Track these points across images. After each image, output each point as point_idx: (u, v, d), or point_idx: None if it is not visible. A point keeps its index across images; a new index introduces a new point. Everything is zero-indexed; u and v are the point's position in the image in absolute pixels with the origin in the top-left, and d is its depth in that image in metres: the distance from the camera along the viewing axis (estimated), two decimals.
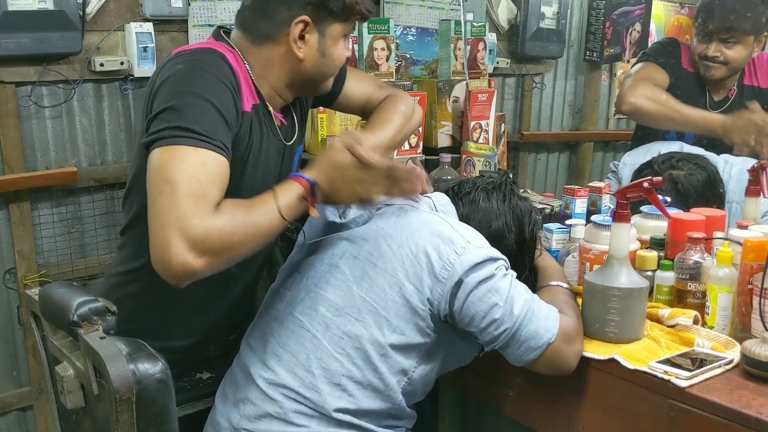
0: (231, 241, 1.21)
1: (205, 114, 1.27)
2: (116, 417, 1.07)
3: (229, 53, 1.42)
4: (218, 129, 1.27)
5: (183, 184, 1.19)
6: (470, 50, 2.56)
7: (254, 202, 1.28)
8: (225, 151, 1.28)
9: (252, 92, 1.44)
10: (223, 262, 1.23)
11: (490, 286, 1.37)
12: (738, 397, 1.28)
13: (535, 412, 1.62)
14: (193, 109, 1.26)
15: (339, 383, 1.37)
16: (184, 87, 1.30)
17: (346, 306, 1.41)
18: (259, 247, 1.31)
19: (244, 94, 1.40)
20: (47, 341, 1.38)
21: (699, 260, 1.57)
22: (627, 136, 3.34)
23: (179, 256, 1.16)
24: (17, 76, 2.15)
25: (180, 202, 1.18)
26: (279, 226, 1.30)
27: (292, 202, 1.31)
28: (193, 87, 1.29)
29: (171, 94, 1.29)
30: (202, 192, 1.20)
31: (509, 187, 1.59)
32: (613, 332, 1.49)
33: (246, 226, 1.25)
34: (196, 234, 1.16)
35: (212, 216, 1.20)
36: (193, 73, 1.32)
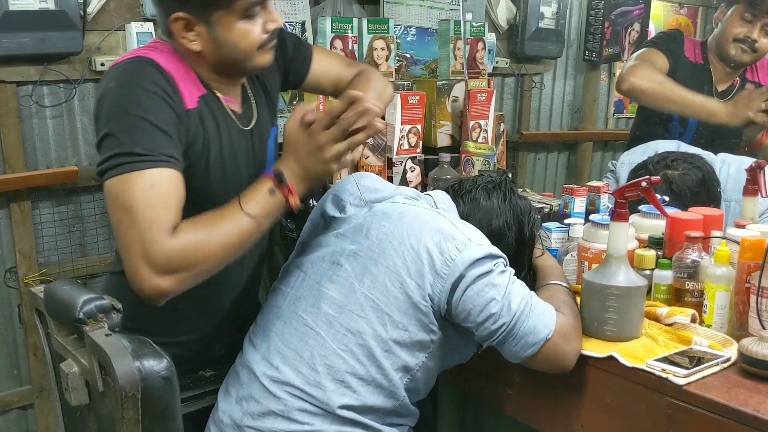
0: (196, 256, 1.27)
1: (142, 132, 1.28)
2: (121, 414, 1.08)
3: (163, 54, 1.40)
4: (158, 143, 1.29)
5: (138, 212, 1.24)
6: (469, 50, 2.57)
7: (220, 213, 1.32)
8: (171, 162, 1.30)
9: (197, 84, 1.43)
10: (195, 276, 1.29)
11: (488, 281, 1.38)
12: (735, 394, 1.30)
13: (534, 411, 1.63)
14: (129, 131, 1.28)
15: (343, 380, 1.38)
16: (117, 108, 1.31)
17: (348, 303, 1.42)
18: (236, 254, 1.35)
19: (184, 91, 1.39)
20: (51, 339, 1.39)
21: (697, 259, 1.59)
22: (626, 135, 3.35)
23: (148, 281, 1.24)
24: (18, 76, 2.16)
25: (139, 230, 1.24)
26: (254, 228, 1.33)
27: (260, 200, 1.33)
28: (126, 107, 1.30)
29: (107, 118, 1.31)
30: (157, 217, 1.24)
31: (509, 187, 1.61)
32: (611, 330, 1.50)
33: (210, 240, 1.29)
34: (158, 258, 1.22)
35: (171, 238, 1.25)
36: (123, 91, 1.33)
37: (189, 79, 1.41)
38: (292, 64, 1.70)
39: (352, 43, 2.29)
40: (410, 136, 2.28)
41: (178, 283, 1.26)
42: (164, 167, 1.28)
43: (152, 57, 1.38)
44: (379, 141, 2.25)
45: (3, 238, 2.23)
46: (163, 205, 1.26)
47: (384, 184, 1.65)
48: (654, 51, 2.61)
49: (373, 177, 1.70)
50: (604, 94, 3.87)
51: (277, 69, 1.65)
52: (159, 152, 1.28)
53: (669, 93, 2.45)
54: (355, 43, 2.30)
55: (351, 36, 2.29)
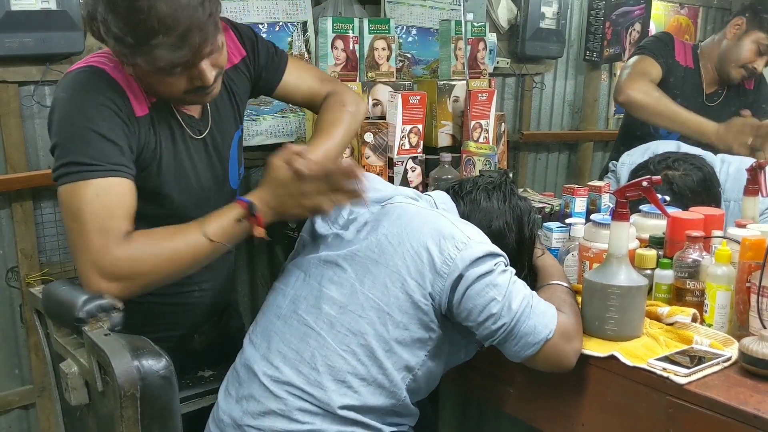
0: (141, 268, 1.32)
1: (89, 143, 1.32)
2: (121, 413, 1.08)
3: (114, 63, 1.40)
4: (106, 152, 1.33)
5: (85, 220, 1.30)
6: (470, 50, 2.56)
7: (178, 230, 1.37)
8: (118, 170, 1.34)
9: (144, 95, 1.43)
10: (140, 286, 1.34)
11: (489, 281, 1.38)
12: (736, 393, 1.30)
13: (536, 410, 1.63)
14: (77, 142, 1.33)
15: (344, 380, 1.38)
16: (66, 119, 1.35)
17: (349, 303, 1.42)
18: (188, 270, 1.40)
19: (134, 100, 1.40)
20: (51, 339, 1.39)
21: (698, 259, 1.59)
22: None
23: (94, 285, 1.30)
24: (20, 76, 2.16)
25: (87, 238, 1.30)
26: (209, 250, 1.37)
27: (225, 226, 1.37)
28: (74, 118, 1.34)
29: (57, 128, 1.36)
30: (104, 226, 1.30)
31: (509, 187, 1.61)
32: (612, 330, 1.50)
33: (159, 254, 1.34)
34: (104, 265, 1.28)
35: (119, 246, 1.31)
36: (72, 102, 1.36)
37: (139, 87, 1.42)
38: (264, 72, 1.71)
39: (353, 43, 2.29)
40: (411, 136, 2.28)
41: (124, 289, 1.31)
42: (111, 176, 1.33)
43: (102, 67, 1.39)
44: (380, 141, 2.25)
45: (5, 238, 2.24)
46: (109, 214, 1.31)
47: (384, 184, 1.66)
48: (648, 60, 2.68)
49: (374, 177, 1.70)
50: (604, 94, 3.87)
51: (247, 76, 1.67)
52: (106, 162, 1.33)
53: (664, 109, 2.54)
54: (356, 43, 2.30)
55: (352, 36, 2.28)
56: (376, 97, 2.35)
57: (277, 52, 1.74)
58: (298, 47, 2.59)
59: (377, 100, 2.35)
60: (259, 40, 1.69)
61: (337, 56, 2.26)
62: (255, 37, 1.68)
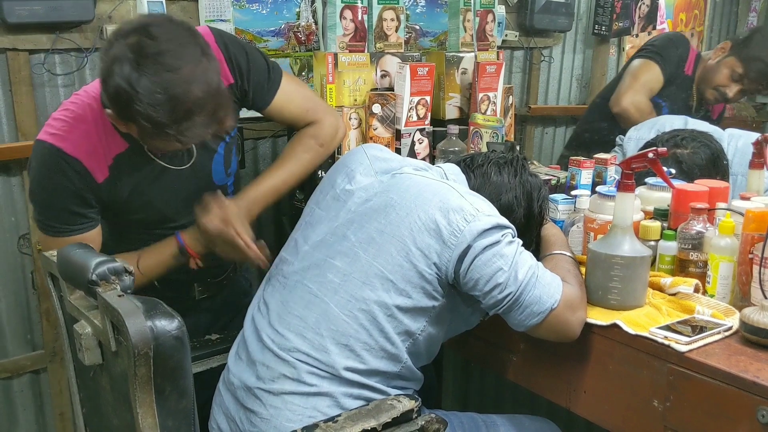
0: None
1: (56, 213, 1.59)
2: (134, 371, 1.11)
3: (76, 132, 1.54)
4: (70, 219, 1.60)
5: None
6: (479, 22, 2.56)
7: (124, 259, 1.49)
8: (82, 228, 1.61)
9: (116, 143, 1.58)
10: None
11: (496, 252, 1.40)
12: (736, 362, 1.32)
13: (538, 377, 1.66)
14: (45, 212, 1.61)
15: (347, 344, 1.41)
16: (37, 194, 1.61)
17: (353, 271, 1.44)
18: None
19: (94, 168, 1.56)
20: (65, 301, 1.42)
21: (701, 230, 1.60)
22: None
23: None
24: (30, 44, 2.16)
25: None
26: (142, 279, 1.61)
27: (161, 260, 1.68)
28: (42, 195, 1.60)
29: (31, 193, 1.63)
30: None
31: (521, 163, 1.62)
32: (615, 299, 1.52)
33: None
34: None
35: None
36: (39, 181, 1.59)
37: (104, 147, 1.57)
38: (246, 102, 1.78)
39: (361, 14, 2.28)
40: (419, 107, 2.29)
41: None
42: (77, 233, 1.60)
43: (60, 146, 1.53)
44: (388, 112, 2.26)
45: (17, 205, 2.26)
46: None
47: (393, 154, 1.67)
48: (654, 70, 2.76)
49: (383, 148, 1.71)
50: (612, 69, 3.84)
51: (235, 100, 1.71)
52: (71, 225, 1.60)
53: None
54: (365, 13, 2.30)
55: (361, 6, 2.28)
56: (384, 68, 2.35)
57: (269, 79, 1.78)
58: (305, 18, 2.59)
59: (385, 72, 2.35)
60: (252, 70, 1.74)
61: (345, 26, 2.26)
62: (248, 65, 1.73)
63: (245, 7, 2.44)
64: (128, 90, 1.35)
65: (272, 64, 1.80)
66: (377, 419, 1.34)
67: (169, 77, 1.35)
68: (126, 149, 1.59)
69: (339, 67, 2.23)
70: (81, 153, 1.55)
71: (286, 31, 2.54)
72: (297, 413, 1.40)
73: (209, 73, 1.42)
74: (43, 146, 1.56)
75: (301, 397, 1.41)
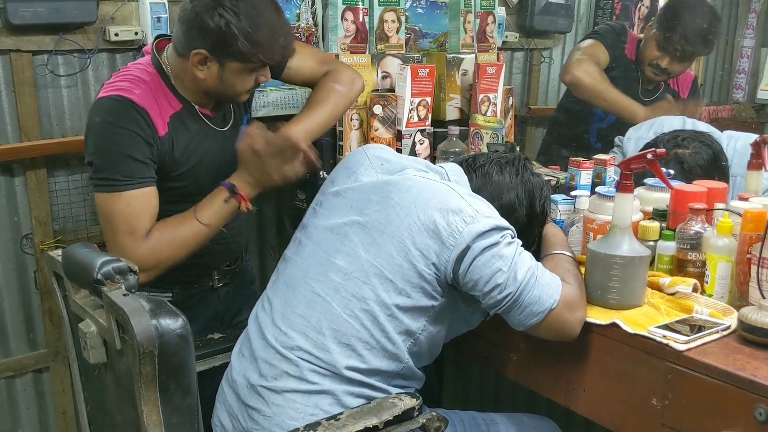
0: (160, 258, 1.65)
1: (121, 163, 1.62)
2: (139, 369, 1.12)
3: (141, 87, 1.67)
4: (134, 170, 1.63)
5: (117, 224, 1.63)
6: (479, 23, 2.57)
7: (180, 219, 1.68)
8: (144, 182, 1.65)
9: (172, 102, 1.72)
10: (163, 270, 1.67)
11: (495, 252, 1.41)
12: (733, 360, 1.33)
13: (538, 376, 1.67)
14: (111, 162, 1.63)
15: (348, 343, 1.42)
16: (102, 144, 1.65)
17: (354, 270, 1.45)
18: (200, 247, 1.71)
19: (157, 121, 1.66)
20: (69, 300, 1.43)
21: (700, 231, 1.62)
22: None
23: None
24: (33, 45, 2.18)
25: (118, 238, 1.63)
26: (207, 232, 1.69)
27: (215, 209, 1.69)
28: (108, 144, 1.64)
29: (94, 149, 1.66)
30: (131, 227, 1.62)
31: (522, 163, 1.63)
32: (614, 299, 1.54)
33: (173, 242, 1.66)
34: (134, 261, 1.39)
35: (142, 244, 1.63)
36: (106, 128, 1.64)
37: (161, 106, 1.69)
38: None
39: (362, 15, 2.30)
40: (420, 108, 2.30)
41: (150, 276, 1.63)
42: (138, 188, 1.64)
43: (130, 96, 1.64)
44: (389, 113, 2.27)
45: (19, 206, 2.27)
46: (137, 217, 1.63)
47: (395, 155, 1.68)
48: (599, 46, 2.85)
49: (384, 148, 1.72)
50: None
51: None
52: (134, 177, 1.63)
53: (603, 92, 2.74)
54: (366, 15, 2.31)
55: (362, 8, 2.29)
56: (385, 69, 2.37)
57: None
58: (305, 20, 2.60)
59: (386, 73, 2.37)
60: None
61: (346, 28, 2.27)
62: None
63: None
64: (230, 20, 1.57)
65: None
66: (379, 417, 1.35)
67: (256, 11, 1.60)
68: (180, 109, 1.72)
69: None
70: (147, 105, 1.65)
71: None
72: (299, 411, 1.41)
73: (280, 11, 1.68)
74: (111, 99, 1.65)
75: (303, 395, 1.42)
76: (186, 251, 1.69)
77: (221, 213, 1.70)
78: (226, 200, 1.69)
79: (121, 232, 1.62)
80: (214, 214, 1.69)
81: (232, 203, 1.69)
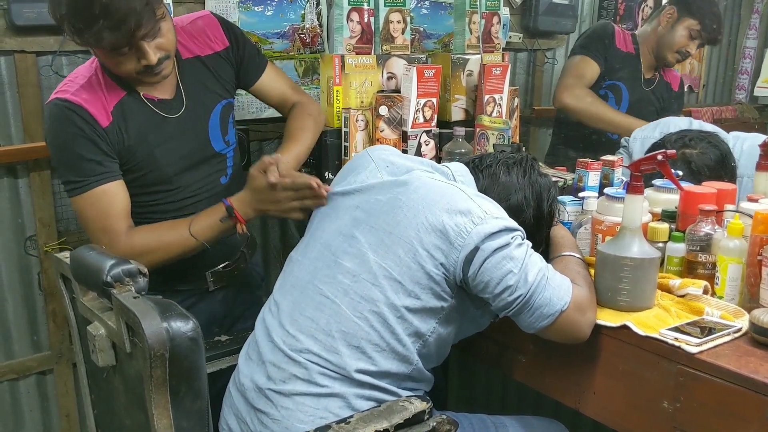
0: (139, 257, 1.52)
1: (73, 165, 1.65)
2: (150, 373, 1.12)
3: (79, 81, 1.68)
4: (88, 169, 1.65)
5: (89, 224, 1.67)
6: (484, 24, 2.57)
7: (172, 228, 1.70)
8: (100, 179, 1.65)
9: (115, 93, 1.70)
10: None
11: (505, 254, 1.40)
12: (746, 362, 1.33)
13: (547, 378, 1.66)
14: (63, 166, 1.69)
15: (358, 346, 1.42)
16: (53, 149, 1.70)
17: (362, 272, 1.44)
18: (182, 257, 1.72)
19: (96, 114, 1.66)
20: (77, 302, 1.42)
21: (710, 232, 1.61)
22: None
23: None
24: (38, 46, 2.17)
25: (96, 237, 1.67)
26: (197, 246, 1.70)
27: (210, 224, 1.70)
28: (57, 148, 1.68)
29: (51, 156, 1.73)
30: (104, 226, 1.65)
31: (530, 163, 1.62)
32: (624, 301, 1.53)
33: (158, 245, 1.68)
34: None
35: (121, 241, 1.65)
36: (52, 135, 1.69)
37: (104, 97, 1.69)
38: (244, 66, 1.94)
39: (368, 16, 2.29)
40: (425, 109, 2.30)
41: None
42: (97, 185, 1.65)
43: (64, 97, 1.65)
44: (395, 114, 2.27)
45: (23, 207, 2.26)
46: (105, 215, 1.65)
47: (402, 156, 1.67)
48: (586, 61, 2.94)
49: (389, 149, 1.72)
50: None
51: (230, 63, 1.91)
52: (89, 176, 1.65)
53: (595, 113, 2.85)
54: (372, 15, 2.31)
55: (367, 9, 2.29)
56: (391, 70, 2.36)
57: (259, 55, 2.00)
58: (310, 20, 2.60)
59: (392, 74, 2.36)
60: (246, 39, 1.95)
61: (352, 29, 2.27)
62: (242, 35, 1.95)
63: (251, 9, 2.45)
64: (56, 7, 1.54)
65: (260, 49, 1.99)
66: (389, 420, 1.34)
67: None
68: (124, 96, 1.71)
69: (346, 69, 2.23)
70: (82, 100, 1.66)
71: (290, 33, 2.55)
72: (308, 414, 1.40)
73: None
74: (51, 105, 1.68)
75: (313, 398, 1.41)
76: (167, 257, 1.70)
77: (214, 230, 1.71)
78: (222, 219, 1.70)
79: (96, 230, 1.66)
80: (207, 230, 1.70)
81: (227, 223, 1.70)
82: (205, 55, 1.85)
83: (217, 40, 1.87)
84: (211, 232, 1.71)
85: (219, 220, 1.70)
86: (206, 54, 1.85)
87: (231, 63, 1.90)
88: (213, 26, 1.87)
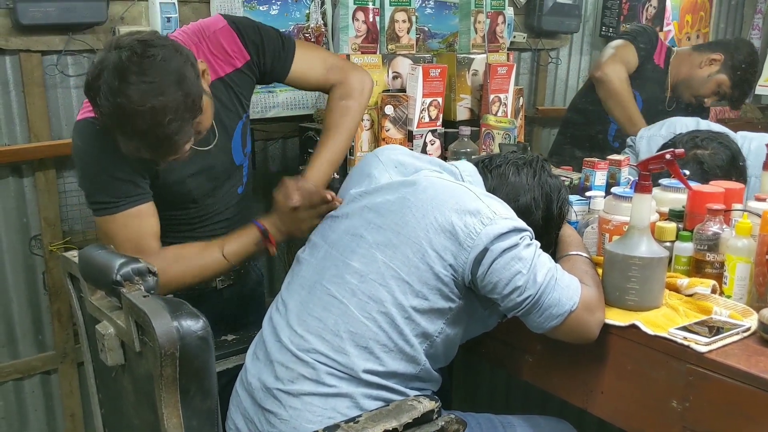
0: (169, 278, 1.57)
1: (108, 186, 1.60)
2: (160, 372, 1.11)
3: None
4: (122, 190, 1.60)
5: (121, 244, 1.59)
6: (490, 24, 2.57)
7: (204, 247, 1.69)
8: (135, 201, 1.62)
9: None
10: (171, 290, 1.60)
11: (514, 255, 1.40)
12: (756, 362, 1.32)
13: (554, 378, 1.66)
14: (98, 185, 1.62)
15: (366, 346, 1.41)
16: (86, 168, 1.63)
17: (370, 272, 1.44)
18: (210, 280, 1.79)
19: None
20: (85, 301, 1.42)
21: (718, 231, 1.61)
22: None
23: None
24: (43, 45, 2.17)
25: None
26: (226, 267, 1.71)
27: (245, 247, 1.71)
28: (92, 167, 1.62)
29: (80, 173, 1.66)
30: (136, 245, 1.60)
31: (540, 164, 1.61)
32: (632, 300, 1.53)
33: (188, 267, 1.67)
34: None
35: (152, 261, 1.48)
36: (87, 153, 1.62)
37: None
38: (267, 73, 1.85)
39: (373, 15, 2.29)
40: (431, 109, 2.30)
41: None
42: (131, 207, 1.61)
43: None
44: (400, 114, 2.26)
45: (28, 207, 2.26)
46: (138, 236, 1.62)
47: (408, 155, 1.67)
48: (631, 49, 2.87)
49: (398, 149, 1.71)
50: None
51: (251, 77, 1.82)
52: (124, 197, 1.60)
53: (624, 101, 2.78)
54: (377, 15, 2.30)
55: (372, 8, 2.29)
56: (396, 69, 2.36)
57: (284, 47, 1.85)
58: (315, 19, 2.60)
59: (397, 73, 2.36)
60: (265, 41, 1.81)
61: (357, 28, 2.27)
62: (261, 38, 1.80)
63: (255, 8, 2.45)
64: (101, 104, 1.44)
65: (284, 34, 1.89)
66: (398, 420, 1.34)
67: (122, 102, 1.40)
68: None
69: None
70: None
71: (295, 32, 2.55)
72: (317, 414, 1.40)
73: (167, 108, 1.42)
74: (82, 124, 1.62)
75: (321, 398, 1.41)
76: (199, 280, 1.71)
77: (248, 252, 1.72)
78: (257, 243, 1.70)
79: (127, 249, 1.59)
80: (241, 253, 1.71)
81: (260, 246, 1.71)
82: (225, 74, 1.76)
83: (237, 54, 1.77)
84: (246, 254, 1.72)
85: (254, 244, 1.70)
86: (227, 72, 1.76)
87: (253, 75, 1.83)
88: (230, 40, 1.75)
